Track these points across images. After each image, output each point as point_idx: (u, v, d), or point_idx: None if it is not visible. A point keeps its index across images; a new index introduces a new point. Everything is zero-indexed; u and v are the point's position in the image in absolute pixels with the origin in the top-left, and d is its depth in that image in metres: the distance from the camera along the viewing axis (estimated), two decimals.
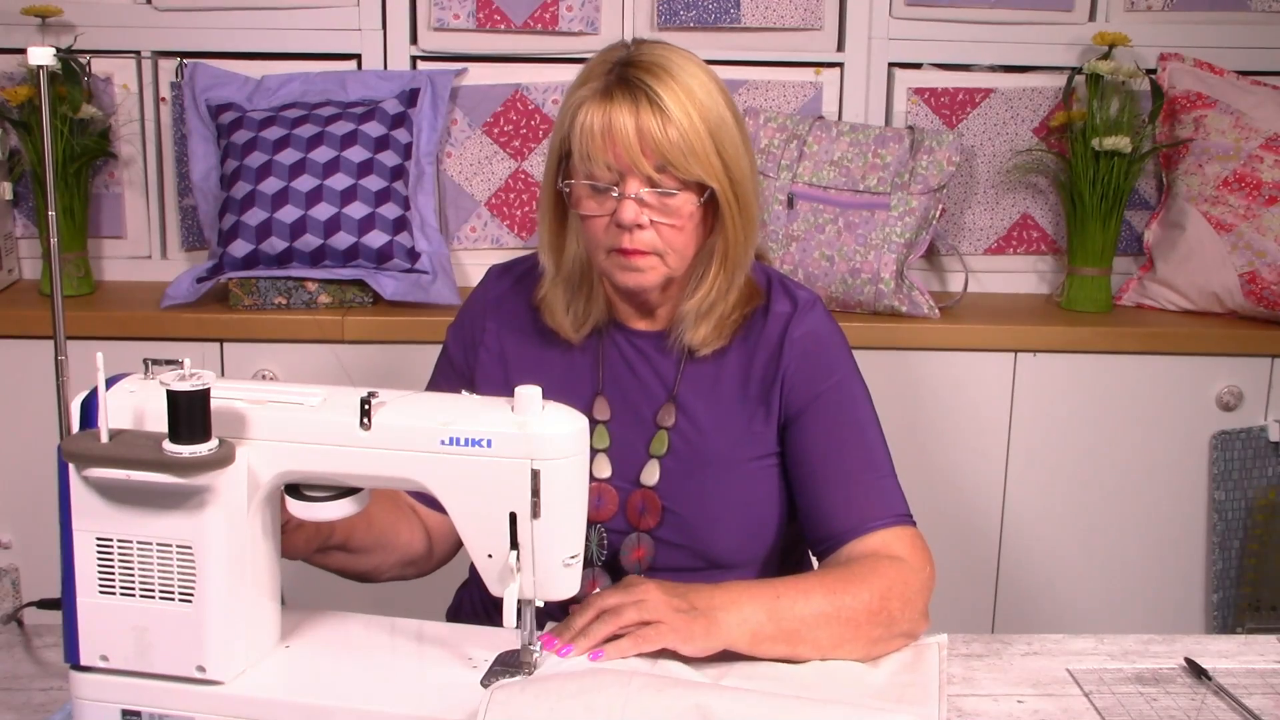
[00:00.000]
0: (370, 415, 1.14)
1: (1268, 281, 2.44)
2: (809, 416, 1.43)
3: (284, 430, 1.15)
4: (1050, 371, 2.41)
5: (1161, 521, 2.48)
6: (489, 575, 1.19)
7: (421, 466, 1.15)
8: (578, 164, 1.36)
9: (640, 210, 1.35)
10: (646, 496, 1.43)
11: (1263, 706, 1.25)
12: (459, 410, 1.16)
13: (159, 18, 2.51)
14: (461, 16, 2.51)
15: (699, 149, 1.34)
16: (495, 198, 2.57)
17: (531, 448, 1.13)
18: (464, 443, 1.13)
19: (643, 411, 1.46)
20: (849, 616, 1.28)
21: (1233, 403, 2.42)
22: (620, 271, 1.39)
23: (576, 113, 1.35)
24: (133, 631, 1.16)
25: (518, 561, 1.17)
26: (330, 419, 1.15)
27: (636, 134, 1.32)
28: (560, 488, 1.15)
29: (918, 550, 1.38)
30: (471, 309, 1.55)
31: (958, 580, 2.44)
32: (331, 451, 1.15)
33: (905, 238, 2.42)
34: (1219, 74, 2.59)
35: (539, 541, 1.16)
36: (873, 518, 1.39)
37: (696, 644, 1.22)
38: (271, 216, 2.35)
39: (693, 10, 2.52)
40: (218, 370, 2.34)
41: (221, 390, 1.16)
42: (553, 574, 1.18)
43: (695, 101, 1.34)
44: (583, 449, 1.17)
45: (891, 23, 2.57)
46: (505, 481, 1.14)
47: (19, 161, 2.48)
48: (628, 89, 1.33)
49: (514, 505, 1.15)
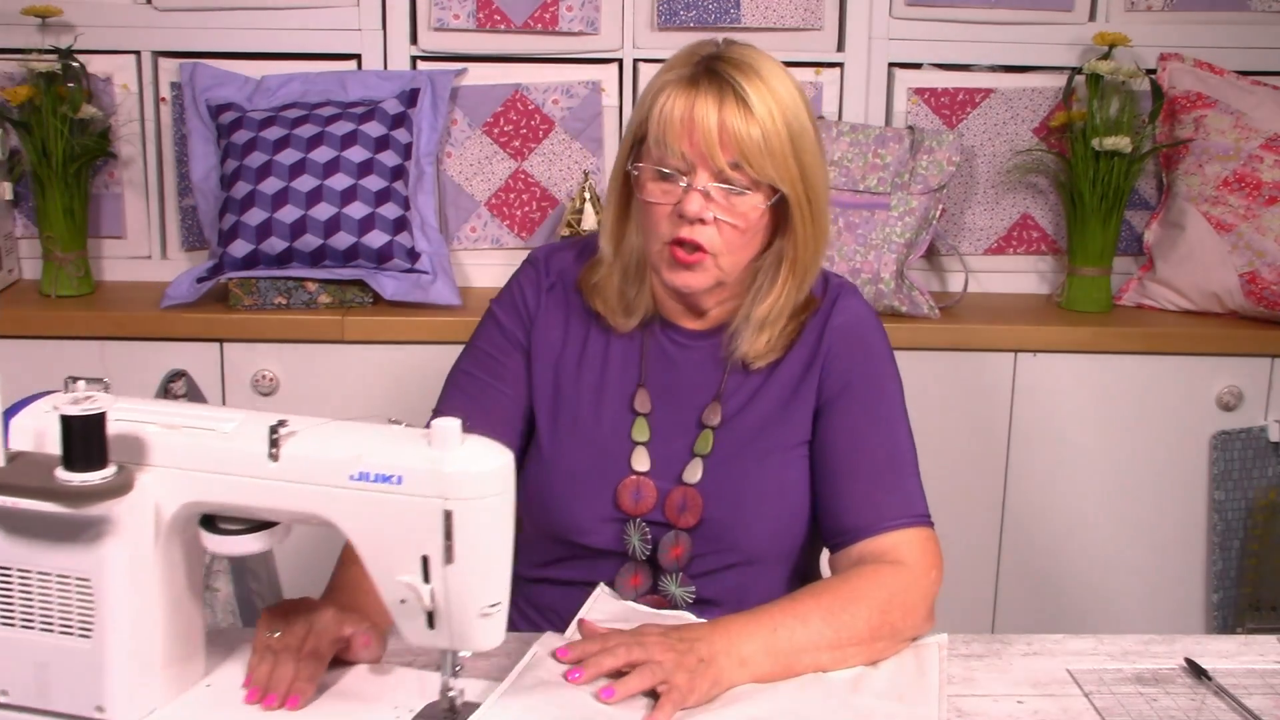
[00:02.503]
0: (279, 445, 1.06)
1: (1268, 281, 2.44)
2: (840, 404, 1.43)
3: (190, 458, 1.08)
4: (1050, 371, 2.41)
5: (1161, 521, 2.48)
6: (402, 623, 1.10)
7: (330, 502, 1.06)
8: (652, 148, 1.35)
9: (706, 205, 1.34)
10: (688, 494, 1.42)
11: (1263, 707, 1.25)
12: (371, 443, 1.07)
13: (159, 18, 2.51)
14: (461, 16, 2.51)
15: (777, 150, 1.33)
16: (495, 198, 2.57)
17: (444, 486, 1.04)
18: (373, 478, 1.05)
19: (686, 409, 1.45)
20: (849, 636, 1.27)
21: (1233, 403, 2.42)
22: (671, 269, 1.38)
23: (658, 96, 1.34)
24: (33, 667, 1.10)
25: (432, 608, 1.07)
26: (238, 448, 1.07)
27: (718, 126, 1.31)
28: (477, 531, 1.05)
29: (928, 554, 1.37)
30: (525, 287, 1.51)
31: (958, 580, 2.43)
32: (240, 483, 1.07)
33: (905, 238, 2.42)
34: (1219, 74, 2.59)
35: (453, 589, 1.06)
36: (889, 516, 1.38)
37: (700, 695, 1.20)
38: (271, 216, 2.35)
39: (693, 10, 2.52)
40: (218, 371, 2.34)
41: (128, 413, 1.09)
42: (469, 625, 1.08)
43: (780, 103, 1.33)
44: (505, 489, 1.07)
45: (891, 23, 2.57)
46: (416, 522, 1.05)
47: (19, 161, 2.48)
48: (714, 80, 1.33)
49: (426, 548, 1.05)
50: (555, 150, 2.56)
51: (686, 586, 1.43)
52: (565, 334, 1.48)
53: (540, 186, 2.57)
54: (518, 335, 1.49)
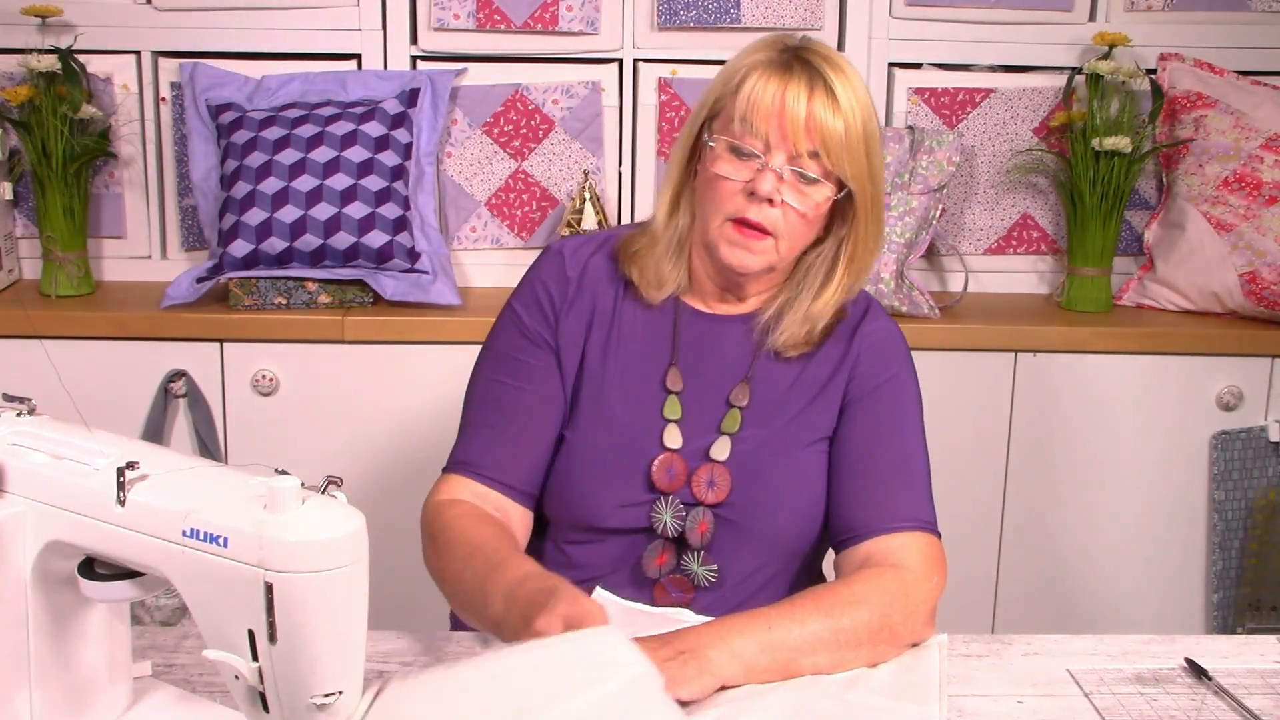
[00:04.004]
0: (125, 490, 0.96)
1: (1268, 281, 2.44)
2: (862, 407, 1.46)
3: (45, 492, 0.99)
4: (1050, 371, 2.41)
5: (1161, 521, 2.48)
6: (239, 701, 0.99)
7: (166, 558, 0.95)
8: (734, 125, 1.38)
9: (778, 186, 1.36)
10: (716, 471, 1.43)
11: (1263, 706, 1.25)
12: (208, 498, 0.95)
13: (159, 18, 2.51)
14: (461, 16, 2.51)
15: (855, 145, 1.37)
16: (495, 198, 2.57)
17: (264, 554, 0.90)
18: (202, 537, 0.93)
19: (715, 389, 1.46)
20: (848, 639, 1.28)
21: (1233, 403, 2.42)
22: (730, 247, 1.40)
23: (748, 76, 1.37)
24: None
25: (263, 690, 0.96)
26: (91, 487, 0.97)
27: (806, 113, 1.35)
28: (305, 609, 0.91)
29: (931, 560, 1.38)
30: (549, 280, 1.49)
31: (958, 580, 2.42)
32: (90, 525, 0.98)
33: (905, 238, 2.42)
34: (1219, 74, 2.59)
35: (279, 672, 0.94)
36: (895, 518, 1.40)
37: (690, 686, 1.18)
38: (271, 216, 2.35)
39: (693, 10, 2.52)
40: (218, 371, 2.34)
41: (23, 438, 1.02)
42: (299, 715, 0.96)
43: (860, 101, 1.38)
44: (347, 562, 0.93)
45: (891, 23, 2.57)
46: (241, 592, 0.92)
47: (19, 161, 2.48)
48: (806, 69, 1.37)
49: (251, 621, 0.93)
50: (555, 150, 2.56)
51: (709, 565, 1.44)
52: (592, 321, 1.48)
53: (540, 186, 2.57)
54: (543, 331, 1.48)
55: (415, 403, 2.35)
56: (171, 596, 2.25)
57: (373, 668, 1.26)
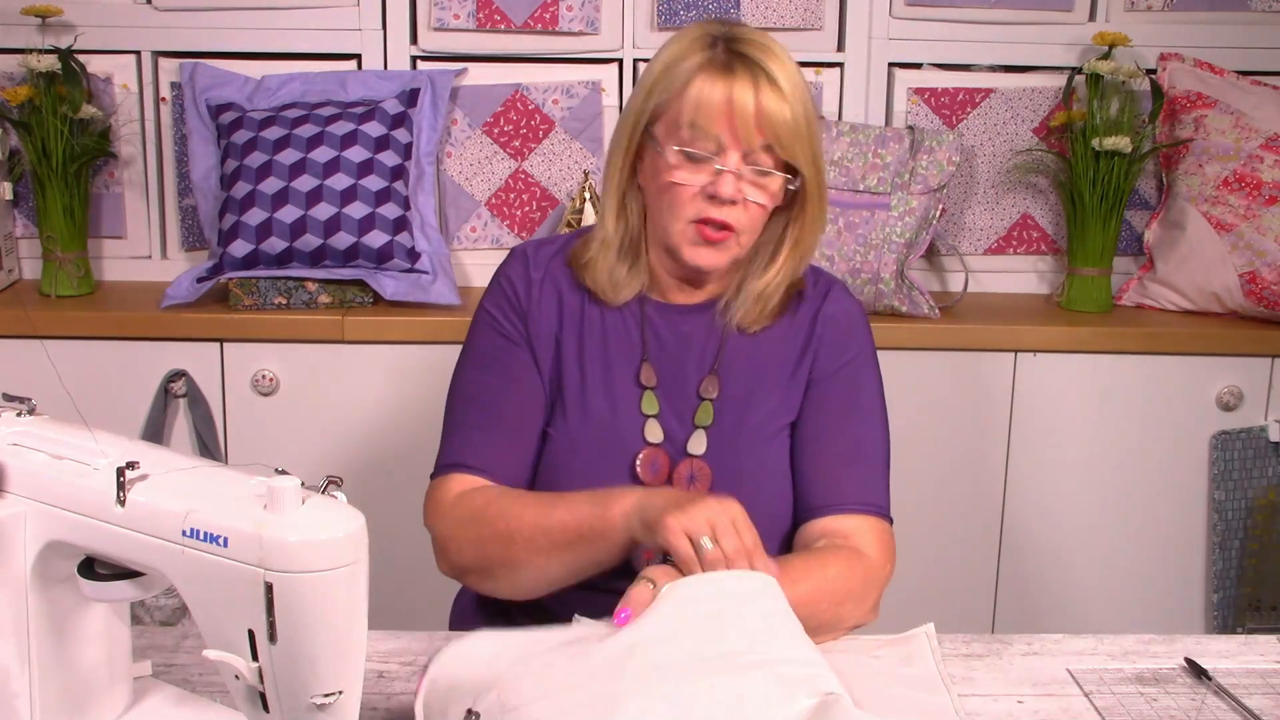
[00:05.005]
0: (125, 490, 0.97)
1: (1268, 281, 2.44)
2: (822, 388, 1.48)
3: (45, 492, 1.00)
4: (1050, 371, 2.41)
5: (1161, 521, 2.47)
6: (239, 702, 1.00)
7: (167, 558, 0.96)
8: (682, 131, 1.38)
9: (739, 185, 1.38)
10: (696, 465, 1.45)
11: (1263, 706, 1.25)
12: (209, 496, 0.96)
13: (159, 18, 2.51)
14: (461, 16, 2.51)
15: (803, 132, 1.39)
16: (495, 198, 2.57)
17: (264, 554, 0.91)
18: (202, 537, 0.93)
19: (686, 382, 1.48)
20: (795, 604, 1.24)
21: (1233, 403, 2.42)
22: (695, 248, 1.41)
23: (691, 81, 1.37)
24: None
25: (262, 690, 0.96)
26: (91, 487, 0.98)
27: (755, 109, 1.36)
28: (304, 610, 0.92)
29: (883, 547, 1.41)
30: (515, 280, 1.51)
31: (958, 580, 2.44)
32: (90, 525, 0.98)
33: (905, 238, 2.42)
34: (1219, 74, 2.59)
35: (279, 672, 0.95)
36: (850, 500, 1.43)
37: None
38: (271, 216, 2.35)
39: (693, 10, 2.52)
40: (218, 371, 2.34)
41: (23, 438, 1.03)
42: (299, 715, 0.96)
43: (800, 86, 1.39)
44: (347, 562, 0.93)
45: (891, 23, 2.57)
46: (241, 592, 0.93)
47: (19, 161, 2.48)
48: (746, 64, 1.37)
49: (251, 621, 0.93)
50: (555, 150, 2.56)
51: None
52: (560, 320, 1.50)
53: (540, 186, 2.57)
54: (517, 329, 1.49)
55: (415, 403, 2.35)
56: (171, 596, 2.25)
57: (373, 668, 1.26)
